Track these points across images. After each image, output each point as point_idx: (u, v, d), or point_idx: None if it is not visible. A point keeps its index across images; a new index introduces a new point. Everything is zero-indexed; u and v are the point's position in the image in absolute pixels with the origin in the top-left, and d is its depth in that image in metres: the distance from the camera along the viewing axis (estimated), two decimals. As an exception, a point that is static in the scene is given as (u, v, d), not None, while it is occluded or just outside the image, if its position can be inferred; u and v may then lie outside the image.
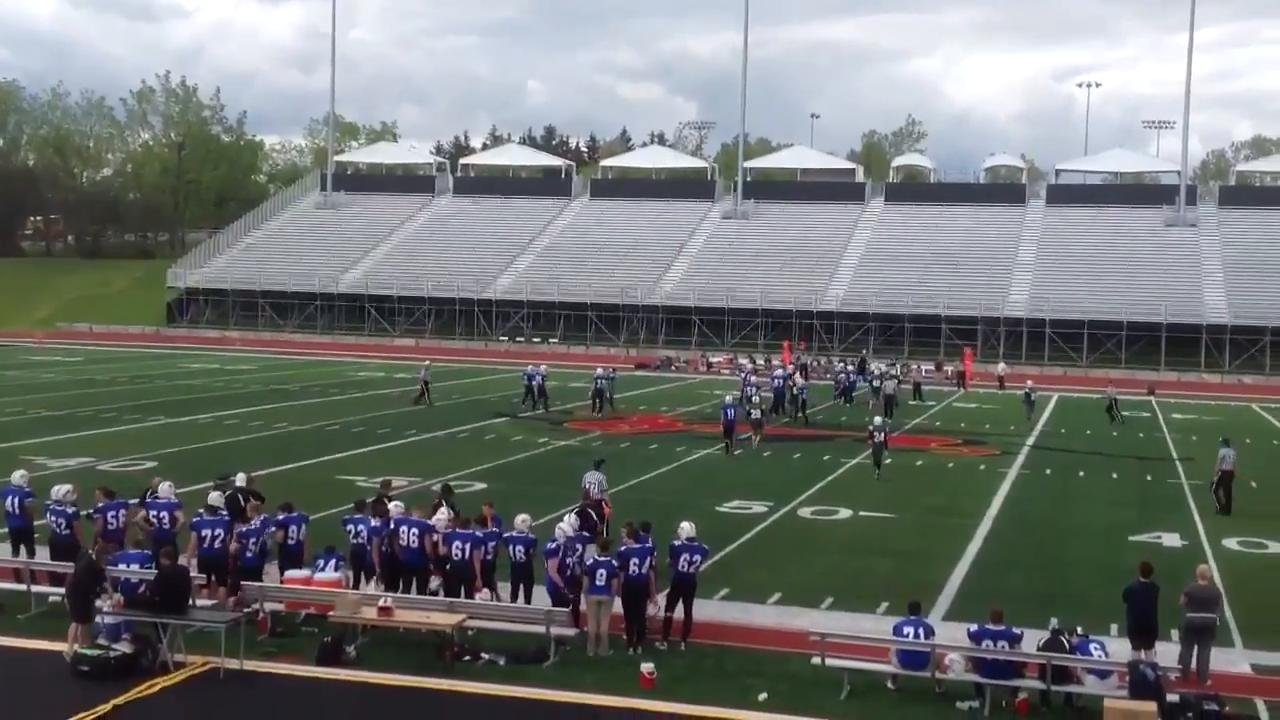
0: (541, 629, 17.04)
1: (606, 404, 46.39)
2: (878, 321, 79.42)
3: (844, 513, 27.91)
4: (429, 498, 21.91)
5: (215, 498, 19.74)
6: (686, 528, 18.25)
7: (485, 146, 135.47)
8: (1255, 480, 34.50)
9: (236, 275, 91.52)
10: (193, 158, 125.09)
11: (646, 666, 15.90)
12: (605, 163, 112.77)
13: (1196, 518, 28.37)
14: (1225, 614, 19.25)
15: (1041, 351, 76.43)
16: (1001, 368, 65.83)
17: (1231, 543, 25.67)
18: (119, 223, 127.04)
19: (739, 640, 17.78)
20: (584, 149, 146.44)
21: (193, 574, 17.38)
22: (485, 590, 18.33)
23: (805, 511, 28.07)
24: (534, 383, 47.43)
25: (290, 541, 18.95)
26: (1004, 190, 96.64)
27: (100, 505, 19.64)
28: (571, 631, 17.15)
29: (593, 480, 23.86)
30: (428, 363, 52.56)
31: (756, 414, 40.26)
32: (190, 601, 16.58)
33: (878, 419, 36.26)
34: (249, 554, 18.42)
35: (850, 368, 58.57)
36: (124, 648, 15.82)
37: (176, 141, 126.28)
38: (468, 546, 18.20)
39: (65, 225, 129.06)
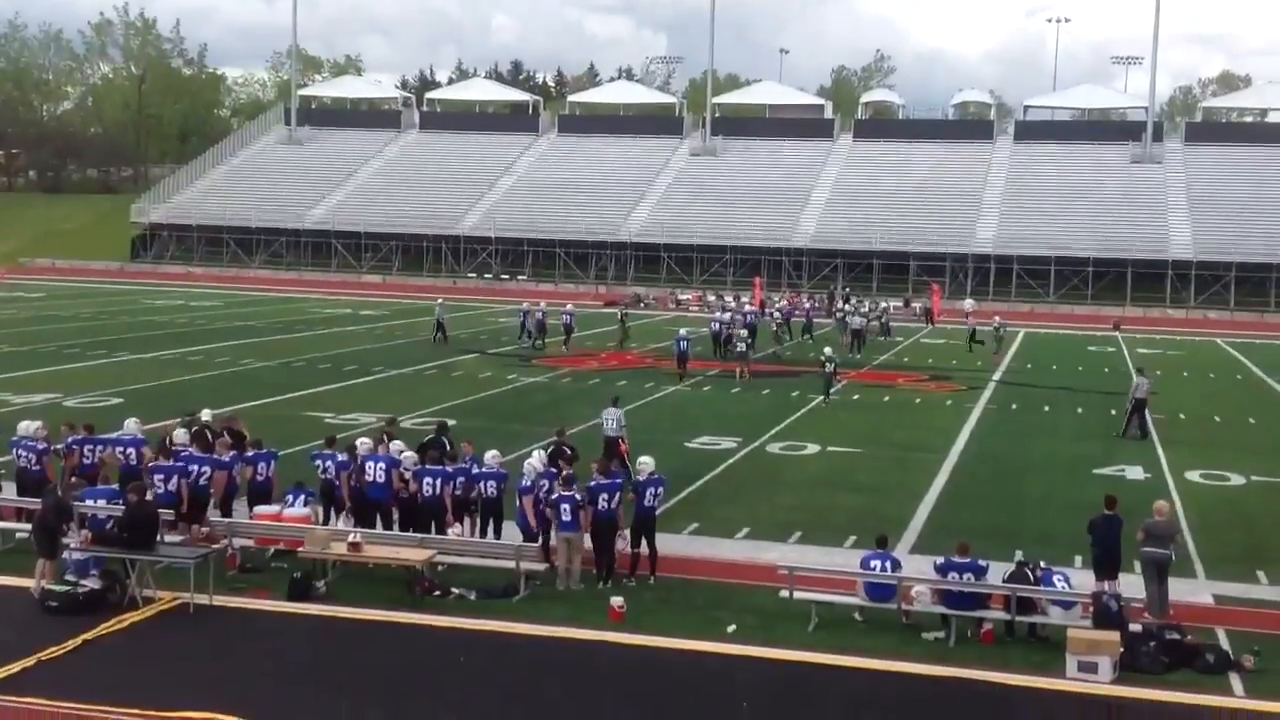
0: (511, 564, 17.10)
1: (569, 339, 46.96)
2: (846, 258, 79.44)
3: (812, 448, 28.06)
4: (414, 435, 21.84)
5: (180, 435, 19.64)
6: (648, 461, 18.31)
7: (451, 81, 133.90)
8: (1218, 415, 34.92)
9: (201, 211, 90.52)
10: (153, 92, 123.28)
11: (616, 600, 16.00)
12: (573, 98, 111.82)
13: (1160, 451, 28.67)
14: (1188, 545, 19.57)
15: (1009, 288, 76.76)
16: (968, 304, 66.05)
17: (1194, 475, 25.98)
18: (80, 157, 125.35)
19: (707, 574, 17.90)
20: (551, 84, 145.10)
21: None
22: (458, 526, 18.37)
23: (774, 447, 28.20)
24: (532, 320, 47.73)
25: (259, 478, 18.90)
26: (972, 127, 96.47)
27: (74, 440, 19.51)
28: (541, 566, 17.22)
29: (611, 416, 23.94)
30: (440, 300, 52.11)
31: (742, 347, 41.34)
32: (158, 537, 16.53)
33: (828, 349, 37.89)
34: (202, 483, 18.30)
35: (847, 305, 58.16)
36: (92, 584, 15.78)
37: (137, 75, 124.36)
38: (438, 482, 18.20)
39: (26, 160, 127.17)
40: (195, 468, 18.13)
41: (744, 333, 43.23)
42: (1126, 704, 13.58)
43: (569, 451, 20.06)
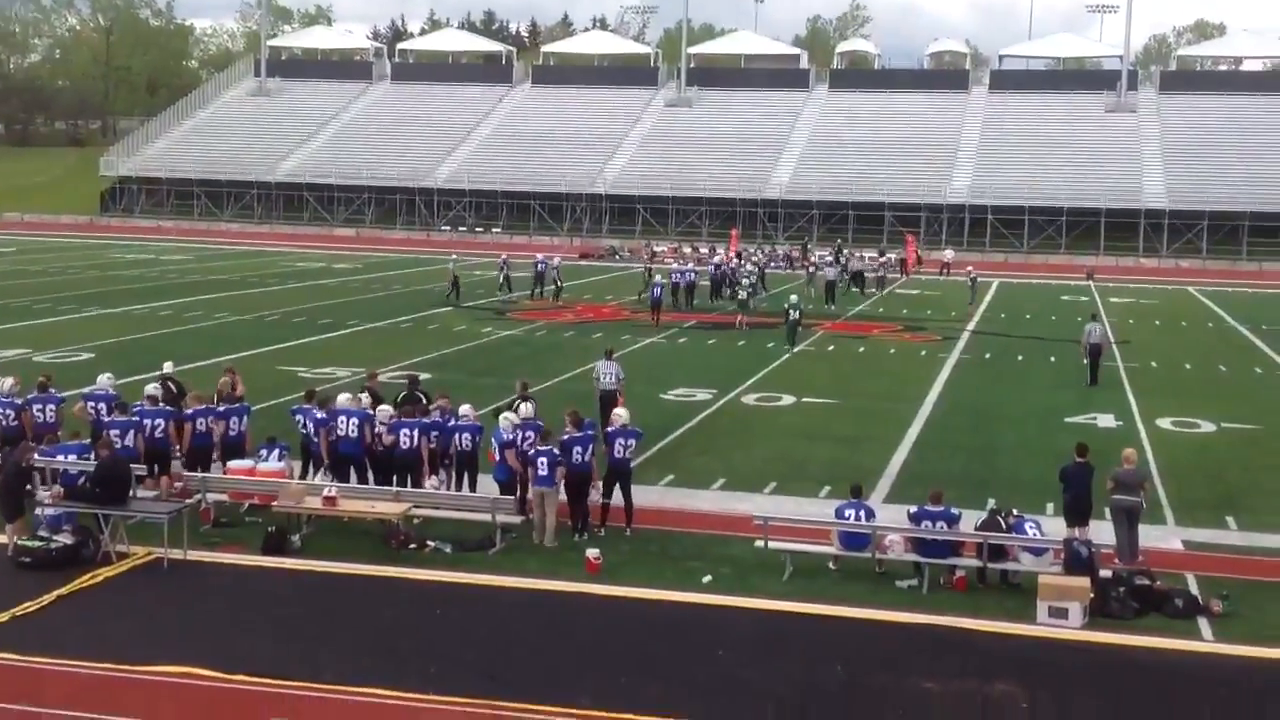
0: (487, 517, 17.11)
1: (540, 288, 47.34)
2: (821, 209, 79.35)
3: (787, 399, 28.12)
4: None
5: (153, 388, 19.54)
6: (622, 414, 18.31)
7: (423, 31, 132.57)
8: (1189, 363, 35.16)
9: (171, 164, 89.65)
10: (122, 43, 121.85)
11: (592, 552, 16.04)
12: (546, 48, 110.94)
13: (1131, 399, 28.86)
14: (1158, 492, 19.74)
15: (983, 238, 76.86)
16: (948, 254, 66.15)
17: (1165, 423, 26.17)
18: (48, 110, 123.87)
19: (683, 525, 17.97)
20: (524, 34, 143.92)
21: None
22: (434, 478, 18.34)
23: (749, 398, 28.26)
24: (541, 270, 48.05)
25: (231, 433, 18.81)
26: (948, 77, 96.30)
27: (28, 397, 19.39)
28: (517, 519, 17.23)
29: (607, 370, 23.68)
30: (455, 256, 51.81)
31: (743, 295, 42.14)
32: (131, 492, 16.47)
33: (793, 297, 38.28)
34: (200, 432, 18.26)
35: (841, 256, 57.89)
36: (65, 539, 15.70)
37: (104, 27, 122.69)
38: (415, 434, 18.16)
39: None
40: (150, 421, 18.07)
41: (746, 281, 43.78)
42: (1097, 648, 13.73)
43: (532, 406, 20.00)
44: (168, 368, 21.53)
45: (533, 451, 17.27)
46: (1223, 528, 18.52)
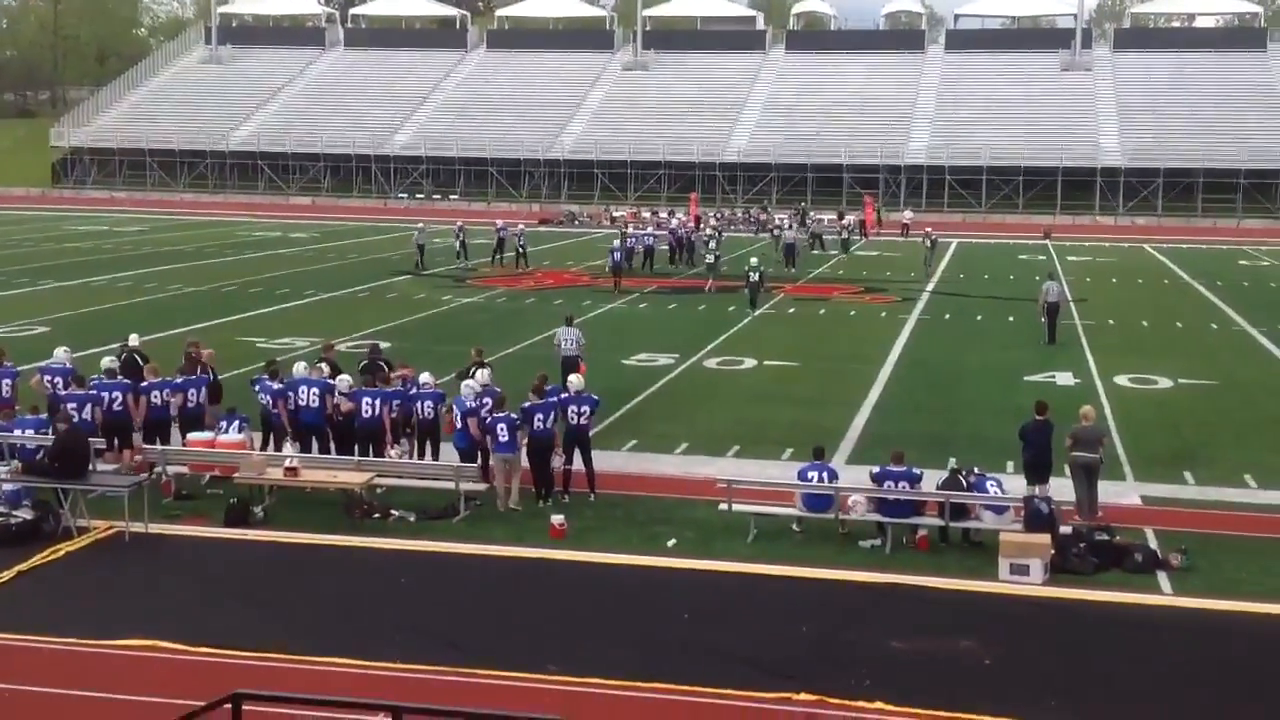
0: (451, 485, 17.07)
1: (500, 255, 47.17)
2: (780, 171, 79.33)
3: (748, 363, 28.18)
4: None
5: (109, 361, 19.33)
6: (576, 380, 18.32)
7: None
8: (1146, 320, 35.49)
9: (122, 134, 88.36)
10: (69, 12, 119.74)
11: (556, 518, 16.05)
12: (501, 12, 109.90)
13: (1089, 357, 29.10)
14: (1116, 448, 19.94)
15: (941, 198, 77.11)
16: (907, 214, 66.30)
17: (1123, 380, 26.42)
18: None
19: (647, 490, 18.00)
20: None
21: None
22: (396, 447, 18.26)
23: (710, 362, 28.30)
24: (503, 236, 47.80)
25: (189, 405, 18.64)
26: (903, 37, 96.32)
27: None
28: (481, 487, 17.20)
29: (568, 336, 23.63)
30: (421, 224, 49.65)
31: (711, 259, 42.58)
32: (90, 466, 16.32)
33: (754, 259, 38.83)
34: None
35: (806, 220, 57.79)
36: (25, 514, 15.56)
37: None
38: (377, 403, 18.06)
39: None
40: (108, 394, 17.91)
41: (713, 245, 43.98)
42: (1058, 603, 13.89)
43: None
44: (134, 340, 21.26)
45: (490, 419, 17.23)
46: (1180, 482, 18.75)
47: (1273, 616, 13.56)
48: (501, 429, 17.02)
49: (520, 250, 46.91)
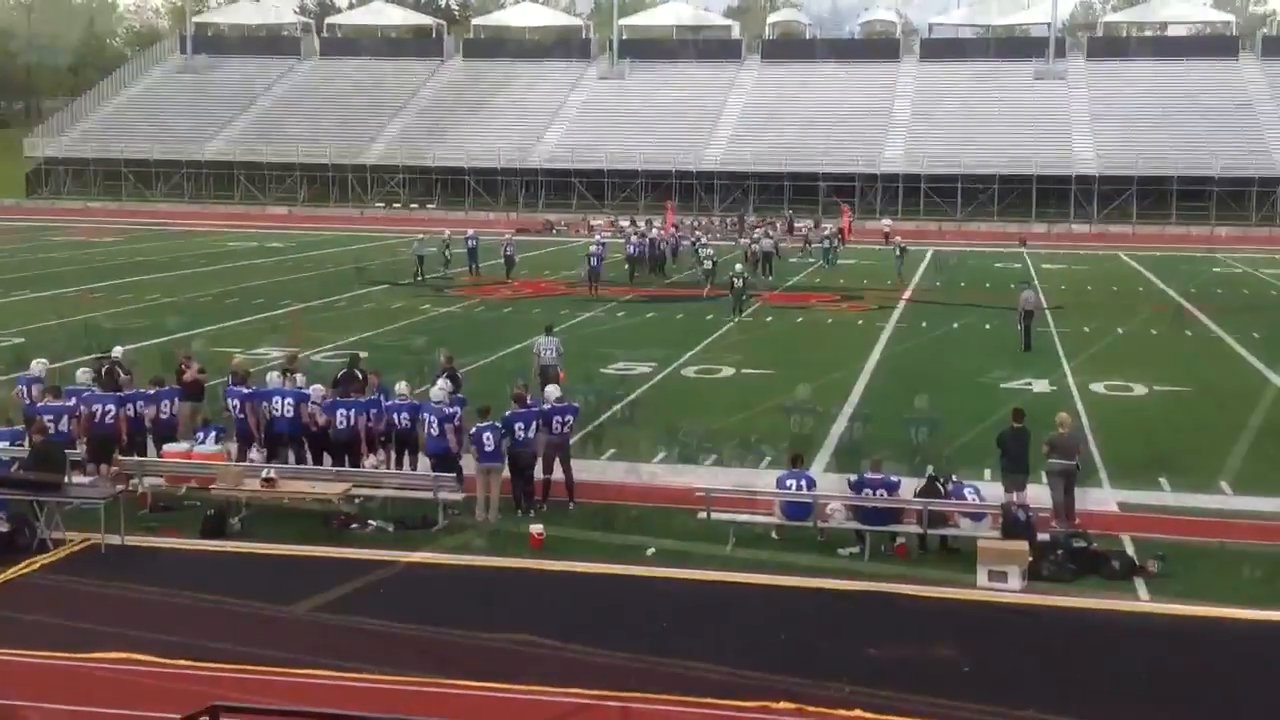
0: (429, 495, 17.03)
1: (476, 265, 47.07)
2: (757, 180, 79.49)
3: (726, 371, 28.20)
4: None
5: (83, 374, 19.21)
6: (552, 390, 18.31)
7: (351, 5, 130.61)
8: (1121, 327, 35.67)
9: (97, 144, 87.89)
10: (43, 21, 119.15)
11: (536, 528, 16.02)
12: (477, 21, 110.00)
13: (1065, 364, 29.22)
14: (1093, 455, 20.02)
15: (917, 206, 77.39)
16: (886, 223, 66.50)
17: (1099, 387, 26.54)
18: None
19: (626, 499, 17.97)
20: (454, 6, 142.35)
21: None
22: (373, 457, 18.20)
23: (689, 370, 28.31)
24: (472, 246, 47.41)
25: (163, 416, 18.53)
26: (878, 46, 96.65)
27: None
28: (459, 496, 17.16)
29: (547, 345, 23.63)
30: (421, 236, 49.29)
31: (708, 265, 42.96)
32: (66, 478, 16.21)
33: (738, 266, 39.05)
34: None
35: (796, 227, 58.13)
36: (0, 527, 15.45)
37: (25, 4, 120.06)
38: (352, 413, 18.01)
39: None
40: (100, 406, 17.78)
41: (710, 251, 44.91)
42: (1036, 610, 13.94)
43: (459, 379, 19.97)
44: (117, 352, 21.11)
45: (475, 429, 17.20)
46: (1156, 489, 18.81)
47: (1248, 621, 13.64)
48: (487, 438, 16.98)
49: (507, 258, 46.47)
